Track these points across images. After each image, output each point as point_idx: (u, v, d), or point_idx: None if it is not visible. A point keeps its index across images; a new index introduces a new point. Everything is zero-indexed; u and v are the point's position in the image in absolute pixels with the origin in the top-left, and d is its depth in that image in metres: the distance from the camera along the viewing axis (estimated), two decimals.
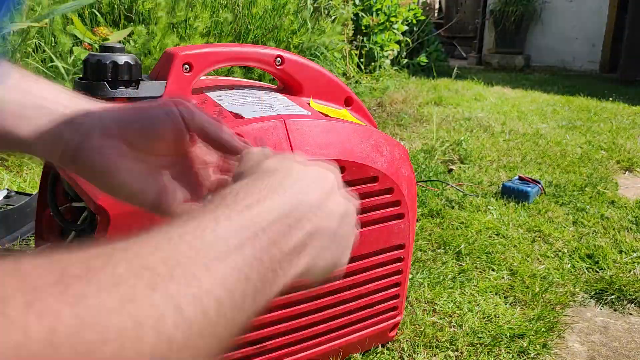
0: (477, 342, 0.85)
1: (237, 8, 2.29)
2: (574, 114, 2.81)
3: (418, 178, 1.60)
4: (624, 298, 1.01)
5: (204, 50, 0.67)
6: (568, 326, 0.92)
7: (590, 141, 2.20)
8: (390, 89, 3.16)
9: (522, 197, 1.47)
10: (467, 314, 0.93)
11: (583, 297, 1.02)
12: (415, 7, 3.84)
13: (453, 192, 1.52)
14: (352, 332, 0.75)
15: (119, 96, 0.62)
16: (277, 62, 0.72)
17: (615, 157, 1.98)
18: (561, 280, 1.07)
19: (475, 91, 3.41)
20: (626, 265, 1.14)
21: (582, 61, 5.14)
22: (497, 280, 1.05)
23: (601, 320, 0.95)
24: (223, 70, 1.88)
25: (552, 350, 0.85)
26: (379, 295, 0.75)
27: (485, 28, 5.56)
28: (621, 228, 1.33)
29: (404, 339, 0.85)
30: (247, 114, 0.63)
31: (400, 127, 2.34)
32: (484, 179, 1.66)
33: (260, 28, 2.34)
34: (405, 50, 3.88)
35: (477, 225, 1.29)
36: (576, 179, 1.69)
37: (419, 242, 1.20)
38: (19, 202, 1.10)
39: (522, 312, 0.95)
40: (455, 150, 1.94)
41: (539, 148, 2.07)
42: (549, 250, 1.20)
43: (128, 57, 0.62)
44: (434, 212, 1.36)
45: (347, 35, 3.05)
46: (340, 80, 0.79)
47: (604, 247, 1.20)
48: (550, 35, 5.29)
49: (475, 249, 1.17)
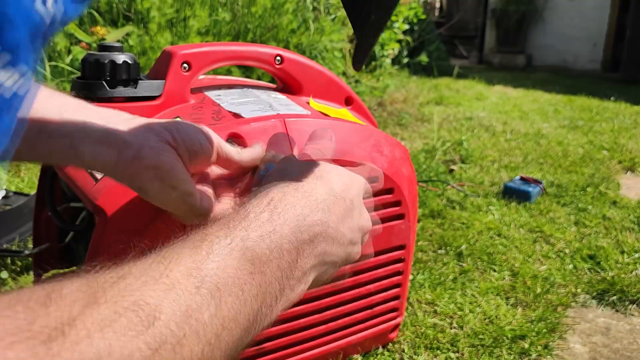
0: (479, 344, 0.85)
1: (236, 7, 2.28)
2: (576, 114, 2.80)
3: (419, 178, 1.59)
4: (626, 299, 1.01)
5: (203, 49, 0.66)
6: (569, 327, 0.92)
7: (592, 141, 2.19)
8: (391, 89, 3.16)
9: (524, 198, 1.46)
10: (468, 315, 0.92)
11: (585, 298, 1.01)
12: (416, 6, 3.83)
13: (454, 193, 1.51)
14: (353, 333, 0.74)
15: (118, 95, 0.61)
16: (277, 61, 0.72)
17: (617, 157, 1.97)
18: (563, 281, 1.06)
19: (476, 90, 3.40)
20: (628, 266, 1.13)
21: (583, 60, 5.13)
22: (498, 281, 1.05)
23: (603, 321, 0.95)
24: (222, 70, 1.87)
25: (553, 351, 0.85)
26: (379, 296, 0.74)
27: (486, 27, 5.55)
28: (623, 228, 1.32)
29: (405, 340, 0.84)
30: (246, 113, 0.63)
31: (400, 127, 2.33)
32: (485, 179, 1.65)
33: (260, 27, 2.34)
34: (406, 49, 3.88)
35: (478, 226, 1.29)
36: (578, 179, 1.68)
37: (420, 242, 1.19)
38: (17, 202, 1.09)
39: (524, 313, 0.94)
40: (456, 150, 1.93)
41: (541, 148, 2.06)
42: (551, 250, 1.19)
43: (126, 56, 0.62)
44: (434, 213, 1.36)
45: (347, 34, 3.04)
46: (340, 80, 0.79)
47: (606, 247, 1.20)
48: (551, 35, 5.28)
49: (477, 249, 1.17)
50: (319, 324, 0.69)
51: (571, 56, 5.20)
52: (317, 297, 0.67)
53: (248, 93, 0.72)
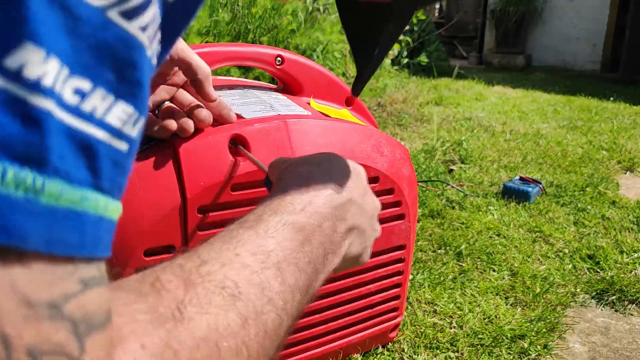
0: (478, 343, 0.85)
1: (236, 7, 2.28)
2: (575, 114, 2.80)
3: (418, 178, 1.60)
4: (625, 299, 1.01)
5: (204, 49, 0.66)
6: (569, 327, 0.92)
7: (591, 141, 2.20)
8: (391, 89, 3.16)
9: (523, 198, 1.46)
10: (467, 314, 0.92)
11: (584, 298, 1.02)
12: None
13: (453, 193, 1.52)
14: (353, 333, 0.74)
15: None
16: (277, 62, 0.72)
17: (616, 157, 1.97)
18: (562, 281, 1.06)
19: (475, 91, 3.40)
20: (627, 265, 1.13)
21: (583, 61, 5.13)
22: (497, 280, 1.05)
23: (602, 321, 0.95)
24: (222, 71, 1.87)
25: (552, 350, 0.85)
26: (379, 296, 0.75)
27: (486, 28, 5.56)
28: (622, 228, 1.32)
29: (405, 339, 0.85)
30: (248, 114, 0.63)
31: (400, 127, 2.33)
32: (485, 179, 1.65)
33: (260, 28, 2.34)
34: (405, 49, 3.88)
35: (478, 226, 1.29)
36: (577, 179, 1.68)
37: (420, 242, 1.20)
38: None
39: (523, 312, 0.95)
40: (455, 150, 1.94)
41: (540, 148, 2.06)
42: (550, 250, 1.20)
43: None
44: (434, 213, 1.36)
45: None
46: (340, 80, 0.79)
47: (605, 247, 1.20)
48: (551, 35, 5.28)
49: (476, 249, 1.17)
50: (319, 324, 0.70)
51: (570, 56, 5.20)
52: (317, 297, 0.67)
53: (249, 94, 0.72)
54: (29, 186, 0.17)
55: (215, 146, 0.56)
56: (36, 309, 0.18)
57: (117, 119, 0.20)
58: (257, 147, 0.58)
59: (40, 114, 0.17)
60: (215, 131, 0.57)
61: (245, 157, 0.57)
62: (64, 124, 0.18)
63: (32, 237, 0.17)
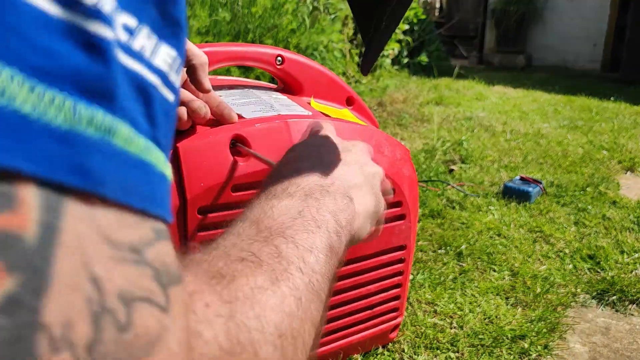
0: (478, 343, 0.85)
1: (236, 7, 2.28)
2: (576, 114, 2.80)
3: (419, 178, 1.59)
4: (626, 299, 1.01)
5: (204, 49, 0.66)
6: (569, 327, 0.92)
7: (591, 141, 2.20)
8: (391, 89, 3.16)
9: (524, 198, 1.46)
10: (468, 314, 0.92)
11: (584, 298, 1.01)
12: (416, 6, 3.84)
13: (454, 193, 1.52)
14: (353, 334, 0.74)
15: None
16: (278, 62, 0.72)
17: (616, 157, 1.97)
18: (562, 281, 1.06)
19: (476, 91, 3.40)
20: (628, 265, 1.13)
21: (583, 60, 5.13)
22: (498, 280, 1.05)
23: (603, 321, 0.95)
24: (222, 70, 1.87)
25: (553, 351, 0.85)
26: (379, 297, 0.75)
27: (486, 27, 5.55)
28: (623, 228, 1.32)
29: (405, 340, 0.85)
30: (248, 114, 0.63)
31: (400, 127, 2.33)
32: (485, 179, 1.65)
33: (260, 27, 2.34)
34: (406, 49, 3.88)
35: (478, 226, 1.29)
36: (578, 179, 1.68)
37: (420, 242, 1.20)
38: None
39: (524, 313, 0.95)
40: (456, 150, 1.93)
41: (540, 148, 2.06)
42: (550, 250, 1.20)
43: None
44: (434, 213, 1.36)
45: (347, 34, 3.04)
46: (341, 80, 0.79)
47: (606, 247, 1.20)
48: (551, 35, 5.28)
49: (476, 249, 1.17)
50: None
51: (571, 56, 5.20)
52: None
53: (249, 94, 0.72)
54: (101, 125, 0.15)
55: (216, 146, 0.56)
56: (121, 250, 0.16)
57: (164, 62, 0.18)
58: (258, 147, 0.58)
59: (102, 42, 0.15)
60: (216, 131, 0.57)
61: (249, 155, 0.57)
62: (121, 62, 0.16)
63: (110, 184, 0.16)
